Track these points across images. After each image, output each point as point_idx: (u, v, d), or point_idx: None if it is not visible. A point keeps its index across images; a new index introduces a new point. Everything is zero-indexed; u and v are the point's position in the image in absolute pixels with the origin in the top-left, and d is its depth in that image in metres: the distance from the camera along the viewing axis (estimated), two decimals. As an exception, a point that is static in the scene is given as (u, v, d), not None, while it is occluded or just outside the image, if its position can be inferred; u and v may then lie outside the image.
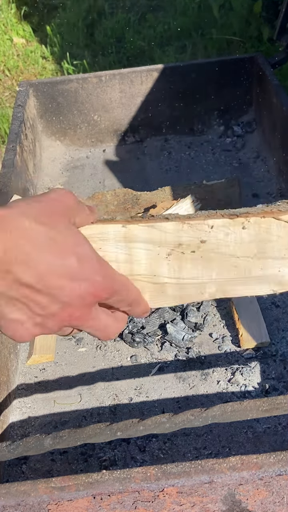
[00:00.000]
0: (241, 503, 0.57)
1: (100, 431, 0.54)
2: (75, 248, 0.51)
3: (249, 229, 0.61)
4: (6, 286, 0.49)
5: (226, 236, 0.61)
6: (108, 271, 0.54)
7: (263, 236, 0.61)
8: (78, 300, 0.51)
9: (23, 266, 0.49)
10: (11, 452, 0.54)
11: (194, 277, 0.62)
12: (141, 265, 0.61)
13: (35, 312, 0.51)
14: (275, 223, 0.61)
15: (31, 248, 0.49)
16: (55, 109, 1.27)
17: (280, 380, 0.76)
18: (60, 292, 0.50)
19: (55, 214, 0.51)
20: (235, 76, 1.26)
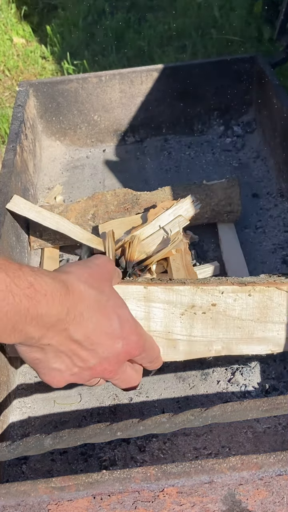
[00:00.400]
0: (241, 503, 0.57)
1: (100, 431, 0.54)
2: (117, 309, 0.59)
3: (254, 296, 0.69)
4: (59, 341, 0.55)
5: (234, 301, 0.69)
6: (141, 331, 0.64)
7: (265, 303, 0.69)
8: (114, 356, 0.60)
9: (77, 325, 0.56)
10: (11, 452, 0.54)
11: (204, 335, 0.70)
12: (157, 322, 0.69)
13: (76, 365, 0.58)
14: (276, 292, 0.69)
15: (84, 309, 0.56)
16: (55, 109, 1.27)
17: (280, 380, 0.76)
18: (100, 348, 0.58)
19: (101, 280, 0.60)
20: (235, 76, 1.26)
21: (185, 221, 0.92)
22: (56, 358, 0.57)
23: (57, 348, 0.56)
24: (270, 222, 1.04)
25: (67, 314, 0.54)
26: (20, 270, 0.52)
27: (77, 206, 1.02)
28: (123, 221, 0.99)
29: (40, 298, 0.51)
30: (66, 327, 0.55)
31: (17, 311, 0.50)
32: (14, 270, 0.51)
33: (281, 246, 0.98)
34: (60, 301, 0.53)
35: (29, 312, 0.51)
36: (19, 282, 0.51)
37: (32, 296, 0.51)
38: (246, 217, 1.05)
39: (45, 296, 0.52)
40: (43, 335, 0.54)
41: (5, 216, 0.89)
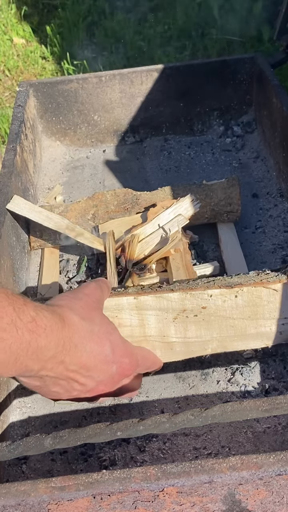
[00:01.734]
0: (241, 503, 0.57)
1: (100, 431, 0.54)
2: (108, 336, 0.63)
3: (243, 296, 0.70)
4: (57, 372, 0.58)
5: (223, 302, 0.70)
6: (131, 351, 0.66)
7: (255, 302, 0.70)
8: (109, 379, 0.64)
9: (73, 356, 0.59)
10: (11, 452, 0.54)
11: (198, 336, 0.72)
12: (152, 328, 0.71)
13: (74, 389, 0.62)
14: (265, 291, 0.70)
15: (79, 340, 0.60)
16: (55, 109, 1.27)
17: (280, 380, 0.76)
18: (96, 373, 0.62)
19: (92, 309, 0.64)
20: (235, 76, 1.26)
21: (185, 220, 0.92)
22: (54, 385, 0.61)
23: (56, 378, 0.60)
24: (270, 222, 1.04)
25: (63, 346, 0.58)
26: (24, 306, 0.55)
27: (77, 206, 1.02)
28: (123, 221, 0.99)
29: (40, 332, 0.55)
30: (62, 359, 0.58)
31: (19, 344, 0.53)
32: (20, 305, 0.54)
33: (281, 246, 0.98)
34: (57, 335, 0.57)
35: (30, 345, 0.54)
36: (23, 316, 0.54)
37: (33, 330, 0.54)
38: (246, 217, 1.05)
39: (45, 330, 0.55)
40: (42, 367, 0.57)
41: (5, 216, 0.89)
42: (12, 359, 0.53)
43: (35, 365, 0.56)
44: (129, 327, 0.71)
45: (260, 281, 0.70)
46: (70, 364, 0.59)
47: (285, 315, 0.71)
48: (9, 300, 0.54)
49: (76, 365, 0.60)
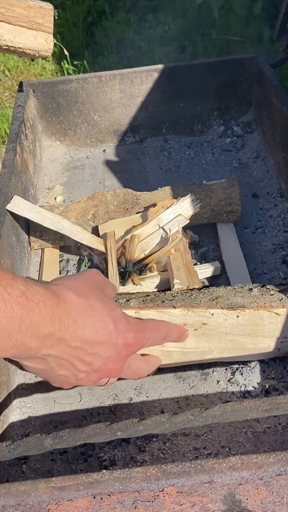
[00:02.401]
0: (241, 503, 0.57)
1: (100, 431, 0.54)
2: (110, 312, 0.61)
3: (244, 316, 0.71)
4: (59, 351, 0.57)
5: (224, 320, 0.71)
6: (137, 326, 0.64)
7: (256, 321, 0.71)
8: (116, 355, 0.62)
9: (72, 332, 0.57)
10: (11, 452, 0.54)
11: (197, 347, 0.73)
12: None
13: (80, 370, 0.60)
14: (267, 313, 0.71)
15: (77, 316, 0.58)
16: (55, 109, 1.27)
17: (280, 380, 0.76)
18: (101, 350, 0.60)
19: (90, 288, 0.62)
20: (235, 76, 1.26)
21: (185, 220, 0.92)
22: (60, 367, 0.59)
23: (59, 357, 0.58)
24: (270, 222, 1.04)
25: (60, 322, 0.56)
26: (13, 280, 0.53)
27: (77, 206, 1.02)
28: (123, 221, 0.99)
29: (32, 306, 0.53)
30: (61, 336, 0.56)
31: (10, 319, 0.51)
32: (7, 279, 0.53)
33: (281, 246, 0.98)
34: (52, 309, 0.55)
35: (23, 320, 0.52)
36: (11, 290, 0.52)
37: (24, 304, 0.53)
38: (246, 217, 1.05)
39: (37, 305, 0.54)
40: (41, 345, 0.55)
41: (5, 216, 0.89)
42: (5, 334, 0.52)
43: (32, 342, 0.54)
44: None
45: (264, 305, 0.70)
46: (71, 340, 0.57)
47: (284, 334, 0.72)
48: None
49: (78, 342, 0.58)
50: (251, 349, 0.73)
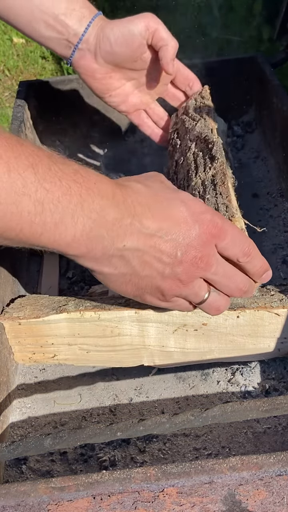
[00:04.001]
0: (241, 503, 0.57)
1: (100, 431, 0.54)
2: (178, 195, 0.56)
3: (245, 317, 0.70)
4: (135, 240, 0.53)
5: (224, 321, 0.71)
6: (214, 211, 0.58)
7: (256, 322, 0.71)
8: (197, 240, 0.54)
9: (141, 216, 0.53)
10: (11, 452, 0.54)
11: (197, 347, 0.73)
12: (151, 338, 0.72)
13: (164, 262, 0.54)
14: (267, 313, 0.70)
15: (142, 200, 0.53)
16: (55, 109, 1.27)
17: (280, 380, 0.76)
18: (179, 235, 0.54)
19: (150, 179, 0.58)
20: (235, 76, 1.26)
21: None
22: (143, 264, 0.54)
23: (137, 250, 0.53)
24: (270, 222, 1.04)
25: (125, 204, 0.51)
26: (63, 158, 0.49)
27: (77, 206, 1.01)
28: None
29: (89, 185, 0.49)
30: (130, 221, 0.52)
31: (69, 197, 0.47)
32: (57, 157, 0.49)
33: (281, 246, 0.98)
34: (112, 189, 0.51)
35: (83, 198, 0.48)
36: (64, 167, 0.48)
37: (80, 182, 0.48)
38: (246, 217, 1.05)
39: (95, 184, 0.49)
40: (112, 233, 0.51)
41: (5, 216, 0.88)
42: (69, 217, 0.47)
43: (102, 228, 0.49)
44: (129, 336, 0.72)
45: (264, 305, 0.70)
46: (142, 227, 0.52)
47: (285, 335, 0.72)
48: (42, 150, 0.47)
49: (151, 228, 0.52)
50: (251, 350, 0.74)
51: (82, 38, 0.88)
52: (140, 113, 1.01)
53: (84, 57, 0.90)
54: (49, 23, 0.86)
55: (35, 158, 0.47)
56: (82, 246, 0.51)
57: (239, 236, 0.58)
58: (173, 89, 1.00)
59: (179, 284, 0.57)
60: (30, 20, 0.86)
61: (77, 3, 0.87)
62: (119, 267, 0.54)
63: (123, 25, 0.89)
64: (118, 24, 0.89)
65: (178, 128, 0.95)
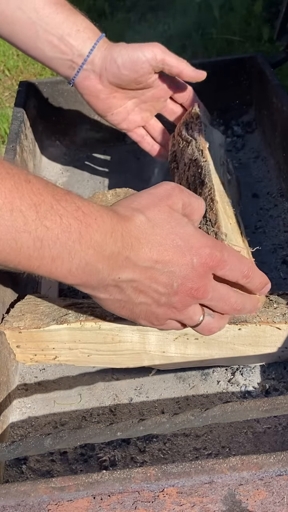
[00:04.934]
0: (241, 503, 0.57)
1: (100, 431, 0.54)
2: (178, 229, 0.56)
3: (246, 329, 0.70)
4: (131, 272, 0.54)
5: (226, 332, 0.70)
6: (214, 243, 0.58)
7: (258, 333, 0.71)
8: (193, 272, 0.56)
9: (138, 251, 0.54)
10: (11, 452, 0.54)
11: (197, 354, 0.73)
12: (152, 345, 0.72)
13: (160, 293, 0.56)
14: (269, 327, 0.70)
15: (140, 234, 0.54)
16: (55, 109, 1.27)
17: (280, 380, 0.76)
18: (176, 268, 0.55)
19: (155, 205, 0.56)
20: (235, 76, 1.26)
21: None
22: (137, 293, 0.56)
23: (132, 280, 0.54)
24: (270, 222, 1.04)
25: (123, 240, 0.52)
26: (67, 195, 0.50)
27: (77, 206, 1.01)
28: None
29: (90, 222, 0.50)
30: (126, 255, 0.53)
31: (68, 234, 0.48)
32: (61, 194, 0.50)
33: (281, 246, 0.98)
34: (111, 226, 0.52)
35: (82, 236, 0.49)
36: (66, 204, 0.49)
37: (81, 219, 0.49)
38: (246, 217, 1.05)
39: (96, 220, 0.50)
40: (108, 267, 0.52)
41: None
42: (66, 253, 0.49)
43: (98, 263, 0.51)
44: (130, 343, 0.72)
45: (266, 320, 0.70)
46: (138, 260, 0.53)
47: (286, 345, 0.73)
48: (47, 188, 0.49)
49: (148, 261, 0.54)
50: (252, 356, 0.74)
51: (87, 59, 0.89)
52: (139, 130, 1.03)
53: (88, 78, 0.91)
54: (54, 43, 0.88)
55: (39, 197, 0.48)
56: (77, 278, 0.52)
57: (238, 262, 0.59)
58: (172, 104, 1.02)
59: (174, 310, 0.59)
60: (35, 40, 0.88)
61: (81, 24, 0.89)
62: (114, 294, 0.56)
63: (131, 50, 0.89)
64: (127, 48, 0.90)
65: (175, 150, 0.95)
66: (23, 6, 0.85)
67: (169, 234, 0.55)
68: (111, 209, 0.54)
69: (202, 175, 0.80)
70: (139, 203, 0.57)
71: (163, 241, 0.55)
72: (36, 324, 0.72)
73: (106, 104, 0.95)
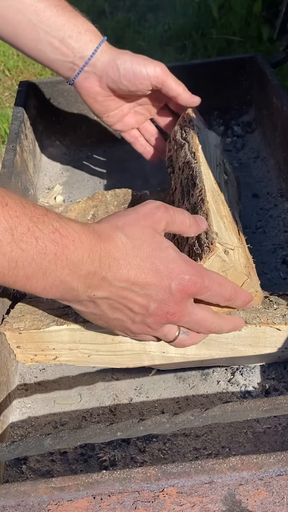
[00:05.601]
0: (241, 503, 0.57)
1: (100, 431, 0.54)
2: (159, 253, 0.57)
3: (246, 330, 0.70)
4: (106, 291, 0.55)
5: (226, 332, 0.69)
6: (195, 269, 0.58)
7: (258, 334, 0.71)
8: (170, 298, 0.57)
9: (115, 272, 0.54)
10: (11, 452, 0.54)
11: (197, 354, 0.73)
12: (151, 345, 0.72)
13: (135, 312, 0.57)
14: (269, 328, 0.70)
15: (120, 256, 0.55)
16: (55, 109, 1.27)
17: (280, 380, 0.76)
18: (153, 291, 0.56)
19: (140, 227, 0.57)
20: (235, 76, 1.26)
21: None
22: (112, 310, 0.57)
23: (108, 298, 0.55)
24: (270, 222, 1.04)
25: (100, 260, 0.53)
26: (45, 216, 0.51)
27: (77, 206, 1.01)
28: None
29: (67, 243, 0.51)
30: (103, 275, 0.53)
31: (44, 255, 0.49)
32: (39, 215, 0.50)
33: (281, 246, 0.98)
34: (90, 247, 0.52)
35: (58, 257, 0.50)
36: (43, 227, 0.50)
37: (58, 241, 0.50)
38: (246, 217, 1.05)
39: (73, 242, 0.51)
40: (84, 285, 0.53)
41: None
42: (40, 273, 0.50)
43: (73, 282, 0.52)
44: (130, 343, 0.72)
45: (266, 321, 0.70)
46: (114, 281, 0.54)
47: (286, 345, 0.73)
48: (24, 210, 0.50)
49: (124, 282, 0.54)
50: (252, 356, 0.74)
51: (89, 62, 0.90)
52: (133, 132, 1.05)
53: (88, 80, 0.92)
54: (55, 45, 0.88)
55: (15, 220, 0.49)
56: (52, 294, 0.54)
57: (219, 288, 0.60)
58: (165, 111, 1.04)
59: (148, 329, 0.60)
60: (36, 43, 0.88)
61: (83, 27, 0.90)
62: (89, 308, 0.57)
63: (136, 62, 0.91)
64: (131, 59, 0.91)
65: (171, 154, 0.95)
66: (24, 9, 0.86)
67: (149, 257, 0.56)
68: (92, 229, 0.54)
69: (193, 176, 0.80)
70: (124, 222, 0.57)
71: (142, 263, 0.55)
72: (36, 325, 0.72)
73: (103, 106, 0.97)
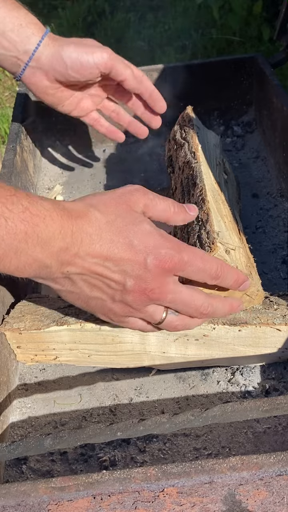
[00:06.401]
0: (241, 503, 0.57)
1: (100, 431, 0.54)
2: (135, 227, 0.55)
3: (246, 330, 0.70)
4: (80, 267, 0.54)
5: (226, 333, 0.71)
6: (172, 243, 0.56)
7: (258, 335, 0.71)
8: (147, 273, 0.55)
9: (87, 246, 0.53)
10: (11, 452, 0.54)
11: (197, 354, 0.73)
12: (152, 345, 0.72)
13: (113, 288, 0.55)
14: (269, 328, 0.70)
15: (94, 231, 0.53)
16: (55, 109, 1.27)
17: (280, 380, 0.76)
18: (128, 267, 0.54)
19: (114, 204, 0.56)
20: (235, 76, 1.26)
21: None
22: (90, 287, 0.56)
23: (83, 274, 0.54)
24: (270, 222, 1.04)
25: (72, 236, 0.52)
26: (14, 196, 0.50)
27: (77, 206, 1.01)
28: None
29: (37, 221, 0.50)
30: (75, 251, 0.53)
31: (13, 235, 0.49)
32: (7, 195, 0.50)
33: (281, 246, 0.98)
34: (61, 224, 0.52)
35: (28, 235, 0.50)
36: (13, 207, 0.50)
37: (28, 219, 0.50)
38: (246, 217, 1.05)
39: (44, 219, 0.51)
40: (57, 261, 0.52)
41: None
42: (11, 252, 0.50)
43: (46, 259, 0.52)
44: (130, 344, 0.72)
45: (266, 322, 0.70)
46: (87, 256, 0.53)
47: (286, 346, 0.73)
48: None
49: (97, 258, 0.53)
50: (252, 357, 0.74)
51: (32, 57, 0.86)
52: (92, 114, 1.02)
53: (35, 75, 0.89)
54: None
55: None
56: (26, 273, 0.53)
57: (202, 263, 0.57)
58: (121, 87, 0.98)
59: (131, 309, 0.58)
60: None
61: (24, 19, 0.86)
62: (66, 286, 0.56)
63: (82, 51, 0.87)
64: (76, 49, 0.87)
65: (171, 154, 0.95)
66: None
67: (123, 231, 0.54)
68: (63, 206, 0.54)
69: (193, 176, 0.80)
70: (98, 200, 0.56)
71: (115, 238, 0.54)
72: (36, 326, 0.72)
73: (56, 97, 0.94)
